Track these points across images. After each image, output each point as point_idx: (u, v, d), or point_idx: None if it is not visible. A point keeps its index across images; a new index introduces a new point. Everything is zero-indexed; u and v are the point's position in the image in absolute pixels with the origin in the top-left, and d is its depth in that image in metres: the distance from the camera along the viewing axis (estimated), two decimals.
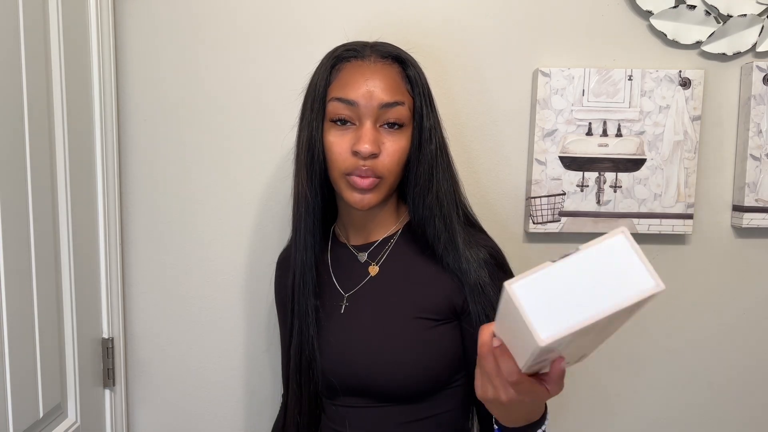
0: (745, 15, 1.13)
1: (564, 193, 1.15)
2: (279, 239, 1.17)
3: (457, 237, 0.85)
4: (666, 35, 1.14)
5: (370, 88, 0.81)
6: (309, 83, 0.87)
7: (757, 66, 1.13)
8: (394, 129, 0.82)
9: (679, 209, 1.15)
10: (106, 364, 1.13)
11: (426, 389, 0.85)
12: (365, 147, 0.79)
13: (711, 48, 1.15)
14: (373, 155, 0.81)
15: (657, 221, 1.15)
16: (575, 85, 1.12)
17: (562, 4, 1.15)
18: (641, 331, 1.22)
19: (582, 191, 1.15)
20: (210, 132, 1.16)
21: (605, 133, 1.14)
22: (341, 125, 0.83)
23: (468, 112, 1.17)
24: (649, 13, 1.14)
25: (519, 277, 0.54)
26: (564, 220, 1.15)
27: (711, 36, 1.14)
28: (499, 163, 1.18)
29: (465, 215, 0.91)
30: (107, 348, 1.13)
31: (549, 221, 1.15)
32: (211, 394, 1.21)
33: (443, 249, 0.85)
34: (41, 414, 0.92)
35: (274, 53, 1.15)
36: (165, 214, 1.18)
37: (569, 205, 1.15)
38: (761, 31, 1.14)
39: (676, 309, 1.22)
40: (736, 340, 1.23)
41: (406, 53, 0.87)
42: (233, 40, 1.14)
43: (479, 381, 0.64)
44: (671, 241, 1.20)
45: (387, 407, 0.86)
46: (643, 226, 1.15)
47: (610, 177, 1.15)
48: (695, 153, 1.14)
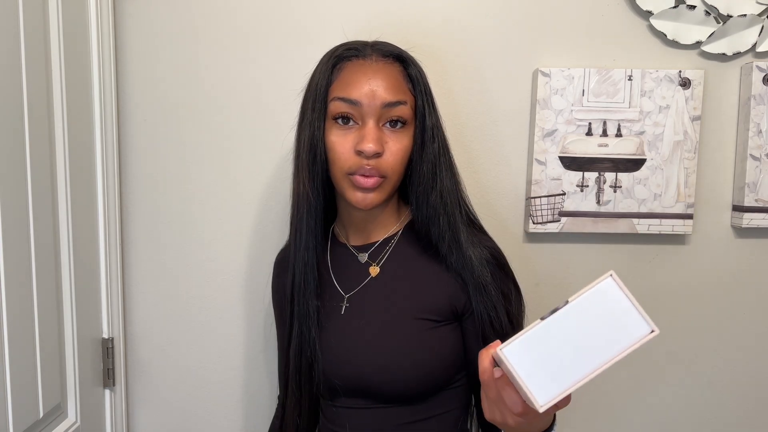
0: (745, 15, 1.13)
1: (564, 193, 1.15)
2: (279, 239, 1.17)
3: (461, 236, 0.85)
4: (666, 35, 1.14)
5: (372, 87, 0.80)
6: (309, 83, 0.87)
7: (757, 66, 1.13)
8: (396, 128, 0.82)
9: (679, 209, 1.15)
10: (106, 364, 1.13)
11: (426, 390, 0.85)
12: (369, 146, 0.79)
13: (711, 48, 1.15)
14: (377, 154, 0.80)
15: (657, 221, 1.15)
16: (575, 85, 1.12)
17: (562, 4, 1.15)
18: None
19: (582, 191, 1.15)
20: (210, 132, 1.16)
21: (605, 133, 1.14)
22: (344, 124, 0.82)
23: (468, 112, 1.17)
24: (649, 13, 1.14)
25: (511, 340, 0.52)
26: (564, 220, 1.15)
27: (711, 36, 1.14)
28: (499, 163, 1.18)
29: (467, 214, 0.91)
30: (107, 348, 1.13)
31: (549, 221, 1.15)
32: (211, 394, 1.21)
33: (447, 248, 0.85)
34: (41, 414, 0.92)
35: (273, 53, 1.15)
36: (165, 214, 1.18)
37: (569, 205, 1.15)
38: (761, 31, 1.14)
39: (676, 309, 1.22)
40: (736, 339, 1.23)
41: (406, 52, 0.87)
42: (233, 40, 1.14)
43: (485, 404, 0.64)
44: (671, 241, 1.20)
45: (387, 408, 0.86)
46: (643, 226, 1.15)
47: (610, 177, 1.15)
48: (695, 153, 1.14)
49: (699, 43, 1.15)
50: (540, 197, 1.15)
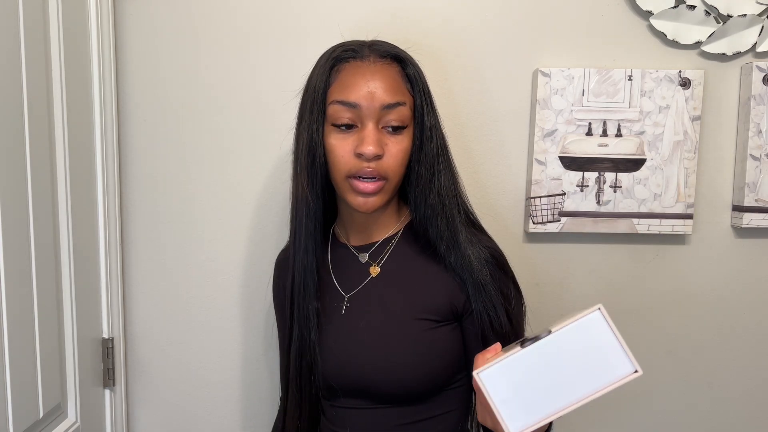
0: (745, 15, 1.13)
1: (564, 193, 1.15)
2: (279, 239, 1.17)
3: (459, 235, 0.84)
4: (666, 35, 1.14)
5: (371, 89, 0.80)
6: (307, 84, 0.86)
7: (757, 66, 1.13)
8: (397, 130, 0.82)
9: (679, 209, 1.15)
10: (106, 364, 1.13)
11: (426, 390, 0.85)
12: (369, 149, 0.79)
13: (711, 48, 1.15)
14: (377, 157, 0.80)
15: (657, 221, 1.15)
16: (575, 85, 1.12)
17: (562, 4, 1.15)
18: (641, 332, 1.22)
19: (582, 191, 1.15)
20: (210, 132, 1.16)
21: (605, 133, 1.14)
22: (343, 127, 0.81)
23: (468, 112, 1.17)
24: (649, 13, 1.14)
25: (489, 365, 0.51)
26: (564, 220, 1.15)
27: (711, 36, 1.14)
28: (499, 163, 1.18)
29: (466, 214, 0.91)
30: (107, 348, 1.13)
31: (549, 221, 1.15)
32: (211, 394, 1.21)
33: (445, 248, 0.84)
34: (41, 414, 0.92)
35: (273, 53, 1.15)
36: (165, 214, 1.18)
37: (569, 205, 1.15)
38: (761, 31, 1.14)
39: (675, 309, 1.22)
40: (736, 340, 1.23)
41: (404, 52, 0.86)
42: (233, 40, 1.14)
43: (478, 407, 0.65)
44: (671, 241, 1.20)
45: (387, 408, 0.86)
46: (643, 226, 1.15)
47: (610, 177, 1.15)
48: (695, 153, 1.14)
49: (699, 43, 1.15)
50: (540, 197, 1.15)
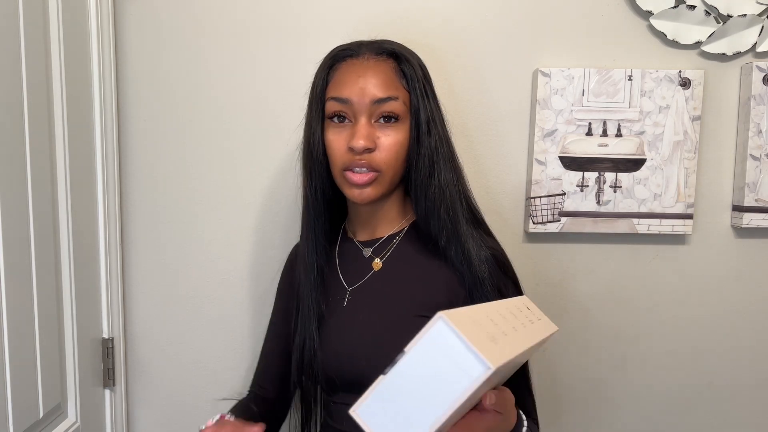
0: (745, 15, 1.13)
1: (564, 193, 1.15)
2: (279, 239, 1.17)
3: (460, 228, 0.85)
4: (666, 35, 1.14)
5: (362, 84, 0.82)
6: (311, 85, 0.89)
7: (757, 66, 1.13)
8: (390, 123, 0.84)
9: (679, 209, 1.15)
10: (106, 364, 1.13)
11: None
12: (359, 143, 0.81)
13: (711, 48, 1.15)
14: (368, 150, 0.82)
15: (657, 221, 1.15)
16: (575, 85, 1.12)
17: (562, 4, 1.15)
18: (641, 332, 1.22)
19: (582, 191, 1.15)
20: (210, 132, 1.16)
21: (605, 133, 1.14)
22: (339, 123, 0.85)
23: (468, 112, 1.17)
24: (649, 13, 1.14)
25: (361, 399, 0.52)
26: (564, 220, 1.15)
27: (711, 36, 1.14)
28: (499, 163, 1.18)
29: (470, 209, 0.91)
30: (107, 348, 1.13)
31: (549, 221, 1.15)
32: (211, 394, 1.21)
33: (446, 240, 0.85)
34: (41, 414, 0.92)
35: (274, 53, 1.15)
36: (165, 214, 1.18)
37: (569, 205, 1.15)
38: (761, 31, 1.14)
39: (676, 309, 1.22)
40: (736, 340, 1.23)
41: (402, 48, 0.88)
42: (233, 39, 1.14)
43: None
44: (671, 241, 1.20)
45: None
46: (643, 226, 1.15)
47: (610, 177, 1.15)
48: (695, 153, 1.14)
49: (699, 43, 1.15)
50: (540, 197, 1.15)
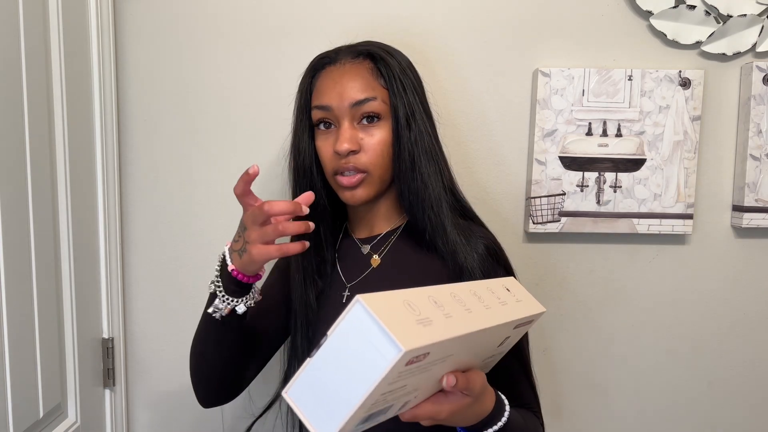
0: (745, 15, 1.13)
1: (564, 193, 1.15)
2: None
3: (446, 221, 0.85)
4: (666, 35, 1.14)
5: (339, 90, 0.84)
6: (296, 94, 0.91)
7: (757, 66, 1.13)
8: (373, 123, 0.85)
9: (679, 209, 1.15)
10: (106, 364, 1.13)
11: None
12: (342, 146, 0.83)
13: (711, 48, 1.15)
14: (353, 152, 0.84)
15: (657, 221, 1.15)
16: (575, 85, 1.12)
17: (562, 4, 1.15)
18: (641, 332, 1.22)
19: (582, 191, 1.15)
20: (210, 132, 1.16)
21: (605, 133, 1.14)
22: (326, 129, 0.87)
23: (468, 111, 1.17)
24: (649, 13, 1.14)
25: (291, 382, 0.54)
26: (564, 220, 1.15)
27: (711, 36, 1.14)
28: (499, 163, 1.18)
29: (456, 200, 0.92)
30: (107, 348, 1.13)
31: (549, 221, 1.15)
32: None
33: (432, 232, 0.85)
34: (41, 414, 0.92)
35: (273, 54, 1.15)
36: (165, 214, 1.18)
37: (569, 205, 1.15)
38: (761, 31, 1.14)
39: (675, 309, 1.22)
40: (736, 340, 1.23)
41: (379, 47, 0.88)
42: (233, 40, 1.14)
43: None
44: (671, 241, 1.20)
45: None
46: (643, 226, 1.15)
47: (610, 177, 1.15)
48: (695, 153, 1.14)
49: (699, 43, 1.15)
50: (540, 197, 1.15)
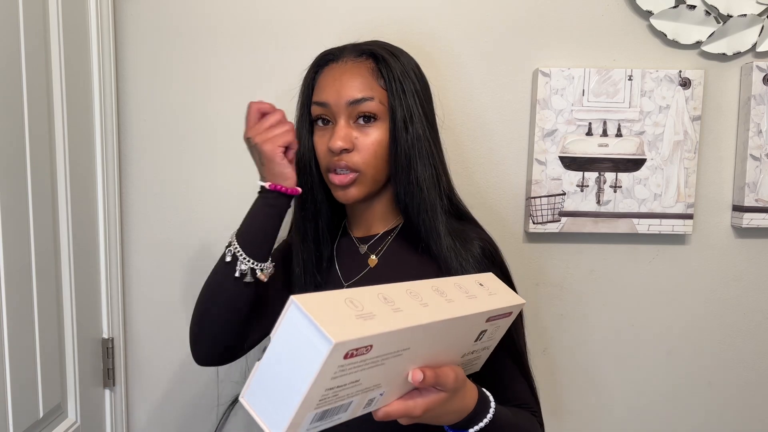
0: (745, 15, 1.13)
1: (564, 193, 1.15)
2: (280, 239, 1.16)
3: (439, 224, 0.85)
4: (666, 35, 1.14)
5: (338, 87, 0.85)
6: (299, 90, 0.92)
7: (757, 66, 1.13)
8: (369, 123, 0.85)
9: (679, 209, 1.15)
10: (106, 364, 1.13)
11: None
12: (336, 144, 0.83)
13: (711, 48, 1.15)
14: (346, 150, 0.84)
15: (657, 221, 1.15)
16: (575, 85, 1.12)
17: (562, 4, 1.15)
18: (641, 331, 1.22)
19: (582, 191, 1.15)
20: (210, 132, 1.16)
21: (605, 133, 1.14)
22: (323, 126, 0.87)
23: (468, 112, 1.17)
24: (649, 13, 1.14)
25: (245, 385, 0.56)
26: (564, 220, 1.15)
27: (711, 36, 1.14)
28: (499, 163, 1.18)
29: (453, 205, 0.91)
30: (107, 348, 1.13)
31: (549, 221, 1.15)
32: (211, 394, 1.21)
33: (426, 235, 0.85)
34: (41, 414, 0.92)
35: (274, 53, 1.15)
36: (165, 214, 1.18)
37: (569, 205, 1.15)
38: (761, 31, 1.14)
39: (675, 309, 1.22)
40: (736, 340, 1.23)
41: (384, 48, 0.88)
42: (234, 39, 1.14)
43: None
44: (671, 241, 1.20)
45: None
46: (643, 226, 1.15)
47: (610, 177, 1.15)
48: (695, 153, 1.14)
49: (699, 43, 1.15)
50: (540, 197, 1.15)
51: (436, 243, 0.85)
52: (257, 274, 0.84)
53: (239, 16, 1.14)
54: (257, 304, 0.89)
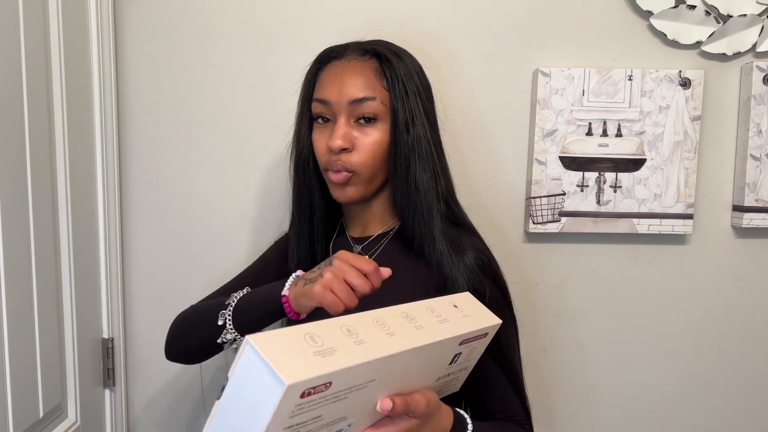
0: (745, 15, 1.13)
1: (564, 193, 1.15)
2: (282, 232, 1.16)
3: (435, 229, 0.84)
4: (666, 35, 1.14)
5: (339, 85, 0.84)
6: (301, 85, 0.92)
7: (757, 66, 1.13)
8: (369, 123, 0.84)
9: (679, 209, 1.15)
10: (106, 364, 1.13)
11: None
12: (335, 143, 0.83)
13: (711, 48, 1.15)
14: (345, 150, 0.83)
15: (657, 221, 1.15)
16: (575, 85, 1.12)
17: (562, 4, 1.15)
18: (641, 332, 1.22)
19: (582, 191, 1.15)
20: (210, 132, 1.16)
21: (605, 133, 1.14)
22: (323, 123, 0.87)
23: (468, 112, 1.17)
24: (649, 13, 1.14)
25: (206, 424, 0.55)
26: (564, 220, 1.15)
27: (711, 36, 1.14)
28: (500, 163, 1.18)
29: (448, 209, 0.90)
30: (107, 348, 1.13)
31: (549, 221, 1.15)
32: (211, 394, 1.21)
33: (421, 240, 0.85)
34: (41, 414, 0.92)
35: (273, 52, 1.15)
36: (165, 214, 1.18)
37: (569, 205, 1.15)
38: (761, 31, 1.14)
39: (676, 309, 1.22)
40: (735, 339, 1.23)
41: (388, 48, 0.87)
42: (234, 39, 1.14)
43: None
44: (671, 241, 1.20)
45: None
46: (643, 226, 1.15)
47: (610, 177, 1.15)
48: (695, 153, 1.14)
49: (699, 43, 1.15)
50: (540, 197, 1.15)
51: (430, 247, 0.84)
52: (236, 344, 0.82)
53: (239, 16, 1.14)
54: None
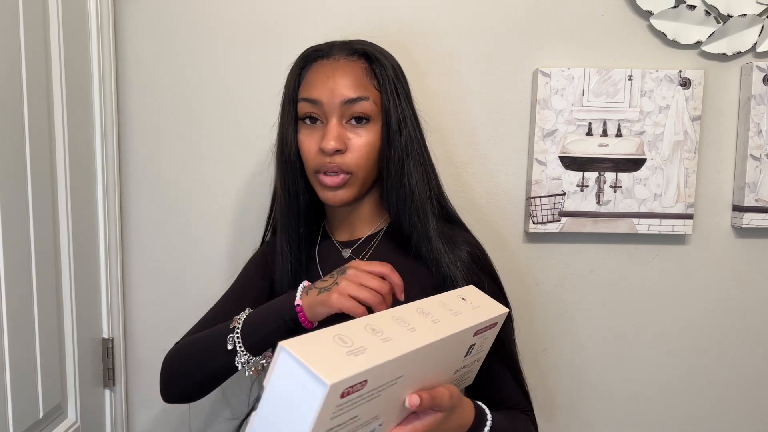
0: (745, 15, 1.13)
1: (564, 193, 1.15)
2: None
3: (430, 229, 0.84)
4: (666, 35, 1.14)
5: (331, 85, 0.82)
6: (284, 85, 0.89)
7: (757, 66, 1.13)
8: (361, 124, 0.83)
9: (679, 209, 1.15)
10: (106, 364, 1.13)
11: None
12: (329, 144, 0.81)
13: (711, 48, 1.15)
14: (338, 151, 0.82)
15: (657, 221, 1.15)
16: (575, 85, 1.12)
17: (562, 4, 1.15)
18: (641, 332, 1.22)
19: (582, 191, 1.15)
20: (210, 132, 1.16)
21: (605, 133, 1.14)
22: (311, 124, 0.85)
23: (468, 112, 1.17)
24: (649, 13, 1.14)
25: None
26: (564, 220, 1.15)
27: (711, 36, 1.14)
28: (499, 163, 1.18)
29: (443, 208, 0.91)
30: (107, 348, 1.13)
31: (549, 221, 1.15)
32: (211, 394, 1.21)
33: (417, 240, 0.85)
34: (41, 414, 0.92)
35: (274, 52, 1.15)
36: (165, 214, 1.18)
37: (569, 205, 1.15)
38: (761, 31, 1.14)
39: (675, 309, 1.22)
40: (735, 339, 1.23)
41: (374, 48, 0.87)
42: (233, 39, 1.14)
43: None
44: (671, 241, 1.20)
45: None
46: (643, 226, 1.15)
47: (610, 177, 1.15)
48: (695, 153, 1.14)
49: (699, 43, 1.15)
50: (540, 197, 1.15)
51: (426, 246, 0.84)
52: (250, 366, 0.82)
53: (239, 16, 1.14)
54: None
